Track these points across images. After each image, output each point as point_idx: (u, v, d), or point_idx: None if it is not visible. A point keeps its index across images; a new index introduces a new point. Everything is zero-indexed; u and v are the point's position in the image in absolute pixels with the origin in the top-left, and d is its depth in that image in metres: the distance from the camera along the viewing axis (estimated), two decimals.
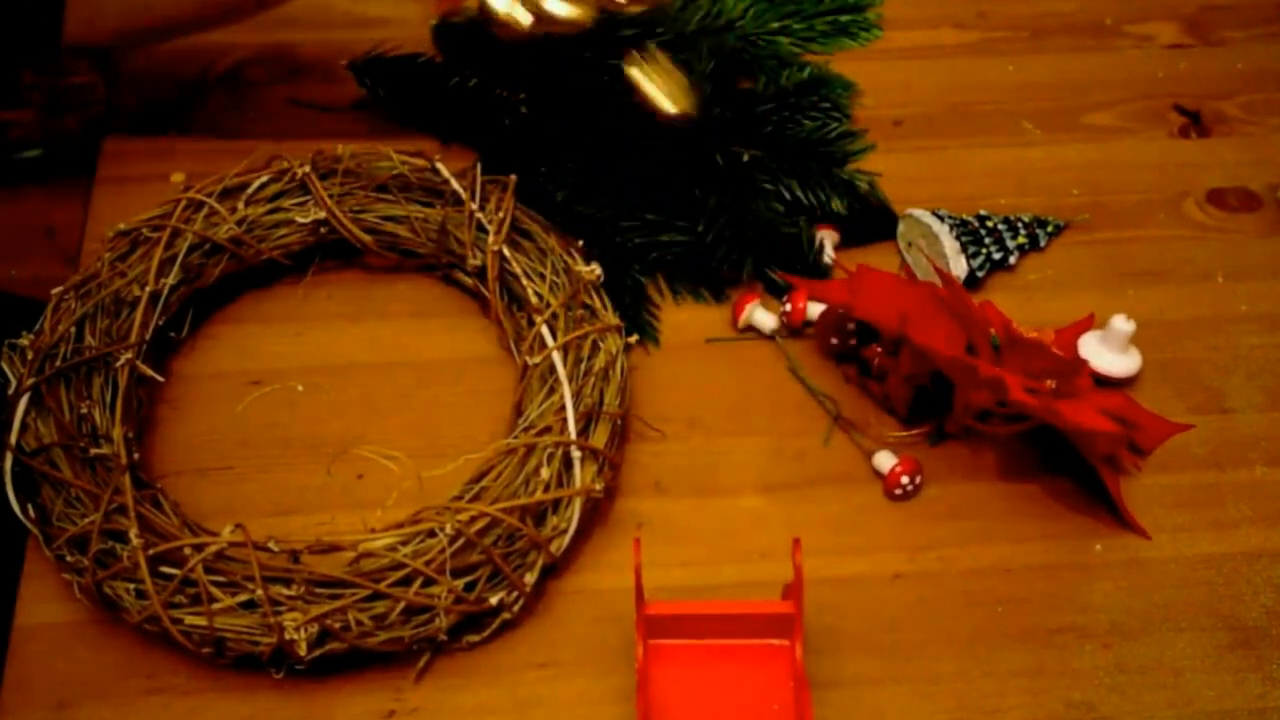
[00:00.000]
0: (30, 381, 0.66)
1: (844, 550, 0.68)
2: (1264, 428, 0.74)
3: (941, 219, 0.78)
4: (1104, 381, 0.74)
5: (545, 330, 0.69)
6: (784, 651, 0.63)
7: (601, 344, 0.70)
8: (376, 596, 0.61)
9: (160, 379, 0.71)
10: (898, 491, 0.70)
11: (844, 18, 0.91)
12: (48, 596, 0.66)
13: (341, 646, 0.61)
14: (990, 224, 0.79)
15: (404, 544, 0.62)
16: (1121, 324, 0.73)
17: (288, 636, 0.59)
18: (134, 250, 0.72)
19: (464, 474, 0.67)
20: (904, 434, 0.73)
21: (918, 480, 0.70)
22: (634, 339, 0.73)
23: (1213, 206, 0.83)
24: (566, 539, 0.65)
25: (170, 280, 0.71)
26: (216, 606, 0.61)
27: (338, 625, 0.60)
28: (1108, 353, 0.74)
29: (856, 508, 0.70)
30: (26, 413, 0.66)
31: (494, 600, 0.63)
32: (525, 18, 0.69)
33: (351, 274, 0.78)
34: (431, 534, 0.62)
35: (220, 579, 0.61)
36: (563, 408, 0.66)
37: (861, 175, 0.80)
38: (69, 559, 0.63)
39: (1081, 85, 0.89)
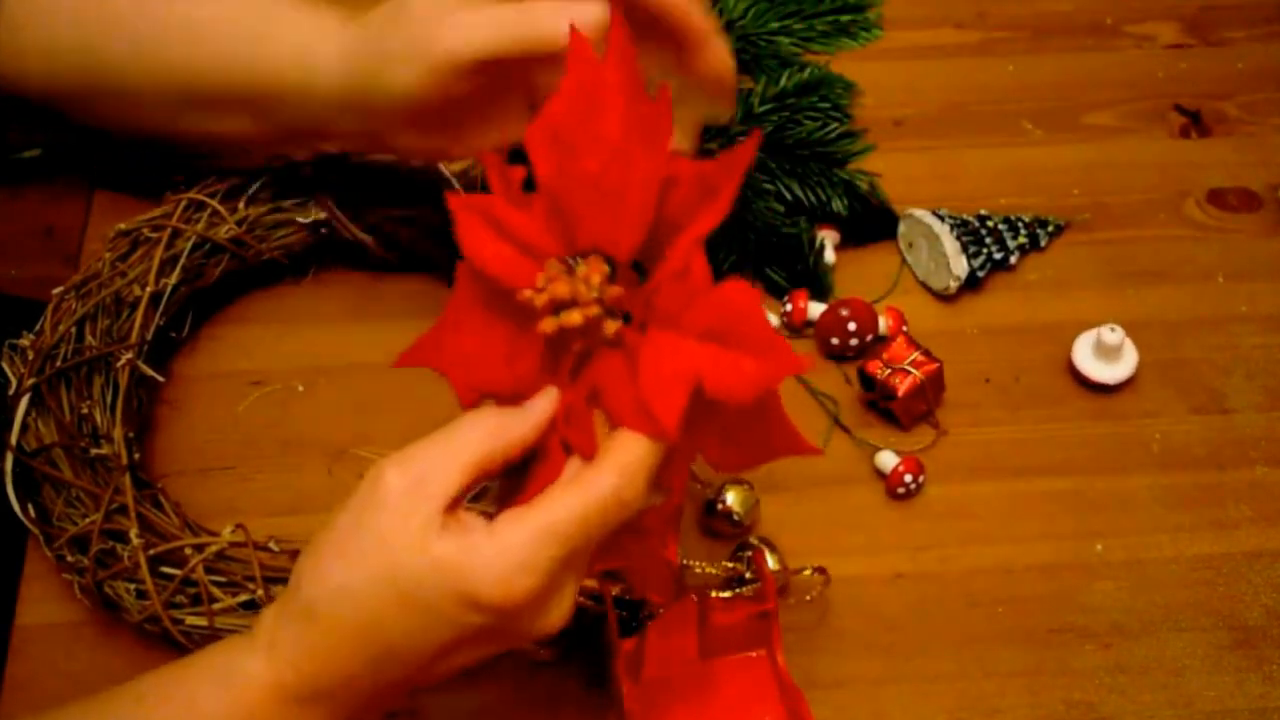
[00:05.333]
0: (31, 381, 0.66)
1: (844, 550, 0.68)
2: (1264, 428, 0.74)
3: (942, 219, 0.78)
4: (1101, 388, 0.74)
5: None
6: (766, 661, 0.63)
7: None
8: None
9: (161, 379, 0.71)
10: (900, 490, 0.70)
11: (844, 18, 0.90)
12: (48, 596, 0.66)
13: None
14: (991, 224, 0.79)
15: None
16: (1108, 335, 0.73)
17: None
18: (135, 250, 0.72)
19: None
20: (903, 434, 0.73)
21: (920, 479, 0.70)
22: None
23: (1213, 206, 0.83)
24: None
25: (171, 280, 0.71)
26: (217, 607, 0.61)
27: None
28: (1100, 361, 0.74)
29: (856, 508, 0.70)
30: (27, 413, 0.66)
31: None
32: None
33: (352, 274, 0.78)
34: None
35: (221, 579, 0.61)
36: None
37: (862, 175, 0.80)
38: (69, 559, 0.63)
39: (1081, 85, 0.89)
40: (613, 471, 0.49)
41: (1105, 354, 0.74)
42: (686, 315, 0.49)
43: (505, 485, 0.52)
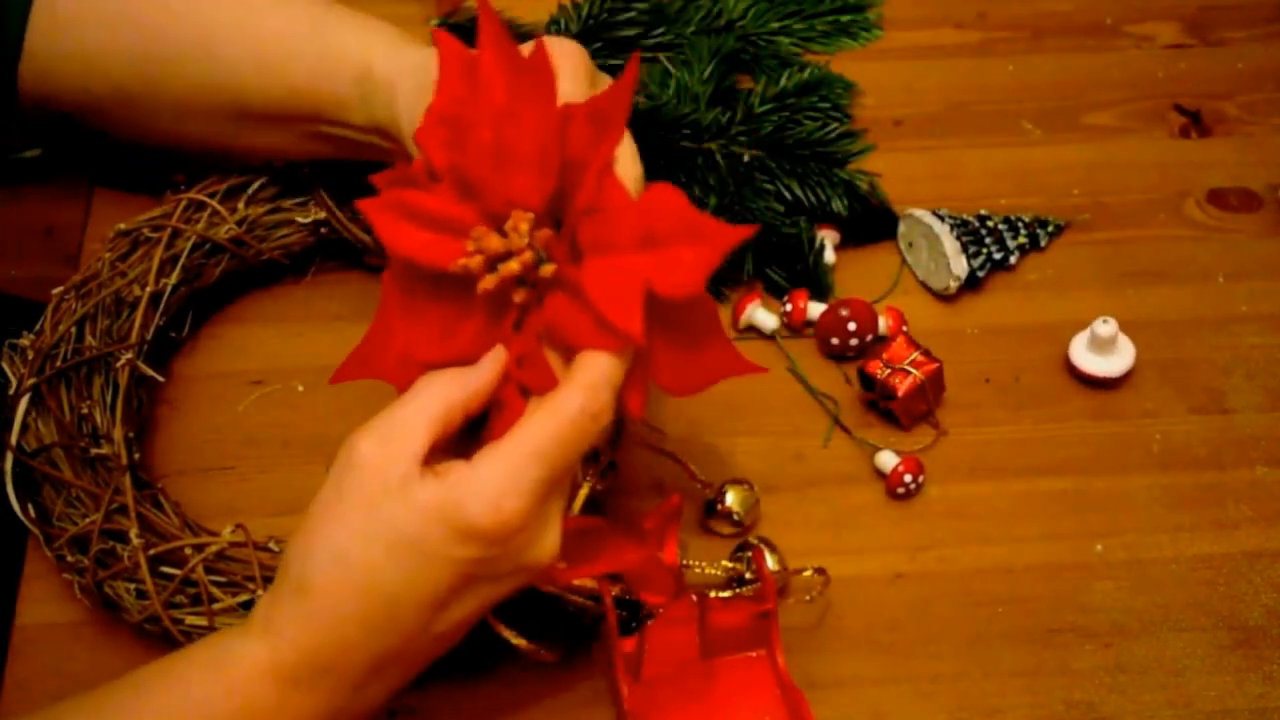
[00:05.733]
0: (31, 381, 0.66)
1: (844, 550, 0.68)
2: (1264, 428, 0.74)
3: (942, 219, 0.78)
4: (1100, 383, 0.74)
5: None
6: (766, 661, 0.63)
7: None
8: None
9: (161, 379, 0.71)
10: (900, 490, 0.70)
11: (844, 18, 0.91)
12: (48, 596, 0.66)
13: None
14: (991, 224, 0.79)
15: None
16: (1101, 327, 0.73)
17: None
18: (135, 250, 0.72)
19: None
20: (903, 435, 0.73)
21: (920, 479, 0.70)
22: None
23: (1213, 206, 0.83)
24: None
25: (171, 280, 0.71)
26: (217, 606, 0.61)
27: None
28: (1096, 355, 0.74)
29: (856, 508, 0.70)
30: (27, 413, 0.66)
31: None
32: None
33: (352, 274, 0.78)
34: None
35: (221, 579, 0.61)
36: None
37: (862, 175, 0.80)
38: (69, 559, 0.63)
39: (1081, 85, 0.89)
40: (579, 390, 0.50)
41: (1100, 347, 0.74)
42: (617, 235, 0.50)
43: (461, 447, 0.53)
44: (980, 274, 0.78)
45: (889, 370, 0.71)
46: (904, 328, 0.75)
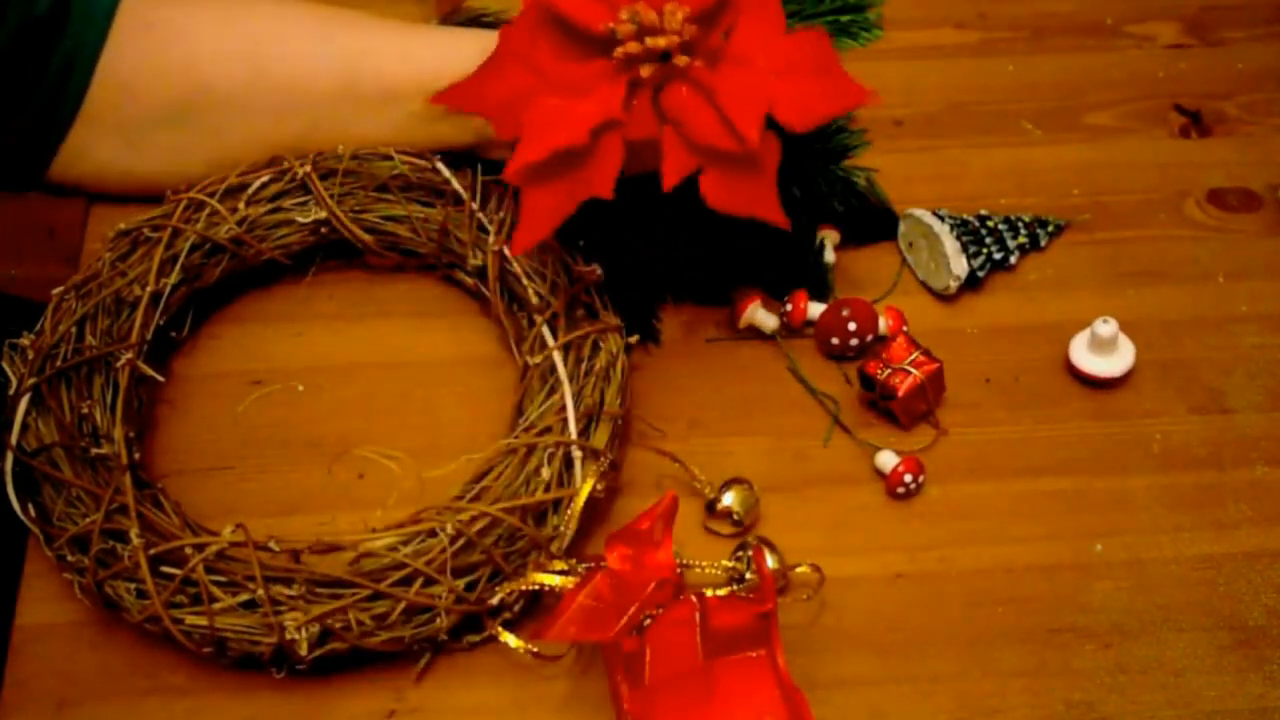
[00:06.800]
0: (31, 381, 0.66)
1: (844, 550, 0.68)
2: (1264, 428, 0.74)
3: (942, 219, 0.78)
4: (1100, 383, 0.74)
5: (546, 330, 0.69)
6: (766, 661, 0.63)
7: (602, 344, 0.70)
8: (377, 596, 0.61)
9: (161, 379, 0.71)
10: (900, 490, 0.70)
11: (844, 18, 0.90)
12: (48, 596, 0.66)
13: (342, 646, 0.61)
14: (991, 224, 0.79)
15: (405, 544, 0.62)
16: (1101, 327, 0.73)
17: (288, 636, 0.60)
18: (135, 250, 0.72)
19: (464, 474, 0.67)
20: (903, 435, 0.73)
21: (920, 479, 0.70)
22: (634, 339, 0.73)
23: (1213, 206, 0.83)
24: (567, 539, 0.65)
25: (171, 280, 0.71)
26: (217, 606, 0.61)
27: (338, 625, 0.60)
28: (1096, 356, 0.74)
29: (856, 508, 0.70)
30: (27, 413, 0.66)
31: (495, 600, 0.63)
32: None
33: (352, 274, 0.78)
34: (432, 534, 0.62)
35: (221, 579, 0.61)
36: (563, 408, 0.66)
37: (859, 171, 0.80)
38: (69, 559, 0.63)
39: (1081, 85, 0.89)
40: None
41: (1100, 347, 0.74)
42: (761, 56, 0.58)
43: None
44: (980, 274, 0.78)
45: (889, 370, 0.71)
46: (904, 328, 0.75)
